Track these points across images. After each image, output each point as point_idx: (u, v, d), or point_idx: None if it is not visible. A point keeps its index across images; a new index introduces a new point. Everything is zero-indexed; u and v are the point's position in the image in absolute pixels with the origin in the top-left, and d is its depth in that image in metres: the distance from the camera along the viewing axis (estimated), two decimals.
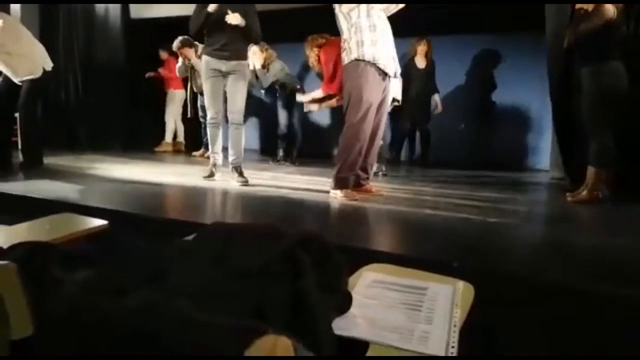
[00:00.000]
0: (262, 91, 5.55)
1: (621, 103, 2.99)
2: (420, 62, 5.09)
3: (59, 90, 6.11)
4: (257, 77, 5.14)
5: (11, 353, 0.85)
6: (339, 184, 3.03)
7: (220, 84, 3.56)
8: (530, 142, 5.60)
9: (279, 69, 5.08)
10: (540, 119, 5.42)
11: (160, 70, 6.23)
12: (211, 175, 3.70)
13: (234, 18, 3.33)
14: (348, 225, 2.48)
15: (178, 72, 5.62)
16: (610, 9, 2.91)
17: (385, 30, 3.00)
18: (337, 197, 2.99)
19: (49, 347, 0.81)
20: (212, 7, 3.35)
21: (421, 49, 5.05)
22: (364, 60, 2.89)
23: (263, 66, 5.05)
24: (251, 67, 5.03)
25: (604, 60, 2.99)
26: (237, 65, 3.50)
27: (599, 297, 1.41)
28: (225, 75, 3.52)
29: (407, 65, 5.00)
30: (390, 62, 2.99)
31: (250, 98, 6.27)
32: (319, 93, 4.58)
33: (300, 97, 4.91)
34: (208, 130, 3.73)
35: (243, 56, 3.59)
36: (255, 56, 4.99)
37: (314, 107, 4.80)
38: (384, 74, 2.98)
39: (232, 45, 3.45)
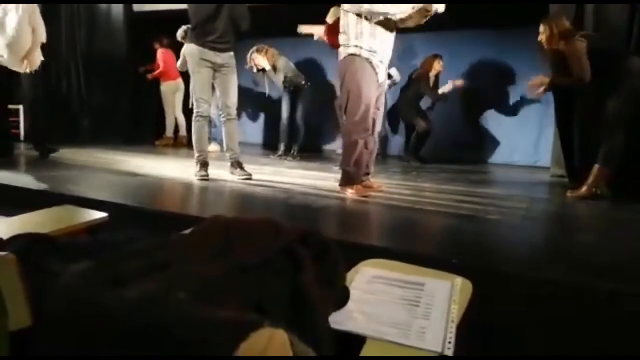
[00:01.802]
0: (267, 89, 5.55)
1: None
2: (431, 78, 5.31)
3: (61, 83, 6.11)
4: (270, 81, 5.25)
5: (10, 344, 0.86)
6: (349, 181, 3.00)
7: (211, 77, 3.48)
8: (532, 139, 5.57)
9: (285, 65, 5.14)
10: (542, 116, 5.39)
11: (155, 65, 6.20)
12: (206, 175, 3.45)
13: None
14: (347, 220, 2.48)
15: (180, 67, 5.51)
16: (581, 44, 3.00)
17: (387, 34, 2.96)
18: (347, 194, 2.98)
19: (46, 340, 0.81)
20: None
21: (437, 66, 5.27)
22: (360, 57, 2.87)
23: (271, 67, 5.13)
24: (267, 82, 5.18)
25: (626, 57, 3.01)
26: (230, 58, 3.49)
27: (597, 295, 1.41)
28: (217, 68, 3.45)
29: (419, 74, 5.28)
30: (383, 66, 2.96)
31: (251, 93, 6.31)
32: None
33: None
34: (196, 126, 3.49)
35: (233, 48, 3.55)
36: (260, 61, 5.04)
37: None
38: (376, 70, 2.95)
39: (226, 37, 3.42)
